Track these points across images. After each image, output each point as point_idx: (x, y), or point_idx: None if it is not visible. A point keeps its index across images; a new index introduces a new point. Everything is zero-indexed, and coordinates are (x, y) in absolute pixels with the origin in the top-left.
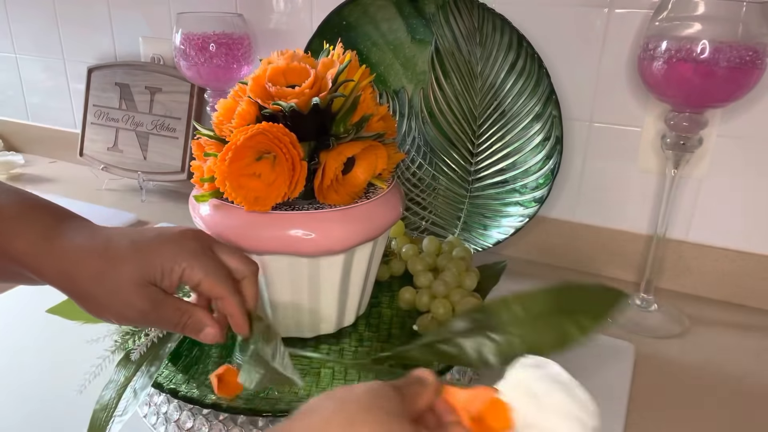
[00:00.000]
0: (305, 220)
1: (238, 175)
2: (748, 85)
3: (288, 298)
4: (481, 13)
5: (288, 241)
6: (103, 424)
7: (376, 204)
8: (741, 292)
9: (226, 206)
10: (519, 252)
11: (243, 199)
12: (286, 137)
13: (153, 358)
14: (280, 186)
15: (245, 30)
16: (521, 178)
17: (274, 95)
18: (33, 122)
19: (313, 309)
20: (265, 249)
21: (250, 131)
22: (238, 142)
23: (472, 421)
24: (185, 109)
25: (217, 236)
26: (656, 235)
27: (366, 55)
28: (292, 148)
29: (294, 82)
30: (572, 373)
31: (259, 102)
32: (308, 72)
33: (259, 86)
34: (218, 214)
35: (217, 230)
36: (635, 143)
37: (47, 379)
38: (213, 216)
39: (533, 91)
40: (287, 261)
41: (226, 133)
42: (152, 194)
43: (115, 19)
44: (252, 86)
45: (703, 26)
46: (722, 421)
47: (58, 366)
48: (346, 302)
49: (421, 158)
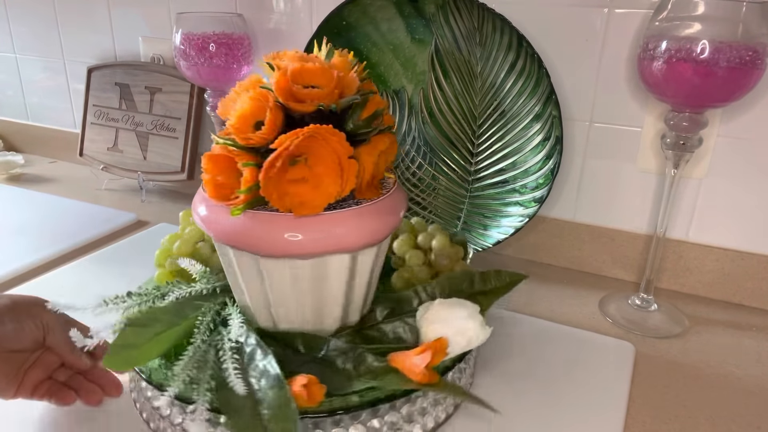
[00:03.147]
0: (308, 222)
1: (282, 182)
2: (748, 85)
3: (291, 300)
4: (481, 13)
5: (289, 243)
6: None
7: (379, 205)
8: (741, 292)
9: (227, 209)
10: (519, 252)
11: (291, 206)
12: (334, 137)
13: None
14: (328, 187)
15: (245, 30)
16: (521, 178)
17: (299, 97)
18: (33, 122)
19: (317, 310)
20: (267, 251)
21: (301, 135)
22: (290, 147)
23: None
24: (185, 109)
25: (219, 239)
26: (656, 235)
27: (366, 55)
28: (340, 147)
29: (309, 82)
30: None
31: (290, 105)
32: (327, 72)
33: (285, 89)
34: (221, 216)
35: (219, 232)
36: (635, 143)
37: None
38: (216, 219)
39: (533, 91)
40: (289, 263)
41: (256, 140)
42: (152, 194)
43: (115, 19)
44: (278, 91)
45: (702, 26)
46: (722, 421)
47: None
48: (350, 303)
49: (421, 158)
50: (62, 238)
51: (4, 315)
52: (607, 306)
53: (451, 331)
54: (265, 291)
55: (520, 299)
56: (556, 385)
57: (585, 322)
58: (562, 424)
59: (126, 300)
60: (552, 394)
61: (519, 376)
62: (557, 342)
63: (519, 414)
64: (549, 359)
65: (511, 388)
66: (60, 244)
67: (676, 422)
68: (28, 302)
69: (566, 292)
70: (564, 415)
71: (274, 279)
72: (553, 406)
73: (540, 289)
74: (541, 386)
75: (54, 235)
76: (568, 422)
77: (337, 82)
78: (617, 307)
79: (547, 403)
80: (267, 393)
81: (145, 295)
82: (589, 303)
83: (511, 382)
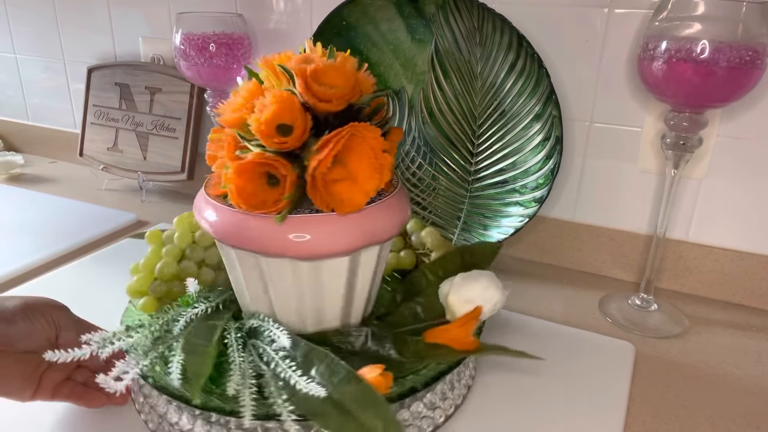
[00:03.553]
0: (309, 223)
1: (327, 183)
2: (748, 85)
3: (292, 299)
4: (481, 13)
5: (289, 244)
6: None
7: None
8: (741, 292)
9: (228, 210)
10: (519, 252)
11: (333, 205)
12: (371, 133)
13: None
14: (366, 183)
15: (245, 30)
16: (521, 178)
17: (325, 97)
18: (33, 122)
19: (317, 310)
20: (269, 251)
21: (344, 134)
22: (338, 146)
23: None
24: (185, 109)
25: (221, 239)
26: (656, 235)
27: (366, 55)
28: (376, 143)
29: (328, 83)
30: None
31: (319, 106)
32: (344, 72)
33: (309, 91)
34: (223, 217)
35: (221, 233)
36: (635, 143)
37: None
38: (219, 220)
39: (533, 91)
40: (290, 263)
41: (291, 144)
42: (152, 194)
43: (115, 19)
44: (304, 93)
45: (703, 26)
46: (722, 421)
47: None
48: (351, 305)
49: (420, 158)
50: (62, 238)
51: (16, 315)
52: (607, 306)
53: (479, 300)
54: (266, 290)
55: (520, 299)
56: (557, 385)
57: (585, 322)
58: (562, 423)
59: (132, 334)
60: (552, 393)
61: (519, 376)
62: (557, 342)
63: (519, 414)
64: (549, 359)
65: (511, 387)
66: (60, 244)
67: (676, 422)
68: (39, 302)
69: (566, 292)
70: (564, 414)
71: (275, 278)
72: (553, 406)
73: (540, 289)
74: (541, 386)
75: (54, 235)
76: (568, 422)
77: (354, 81)
78: (617, 307)
79: (547, 402)
80: (343, 389)
81: (156, 324)
82: (589, 303)
83: (511, 382)
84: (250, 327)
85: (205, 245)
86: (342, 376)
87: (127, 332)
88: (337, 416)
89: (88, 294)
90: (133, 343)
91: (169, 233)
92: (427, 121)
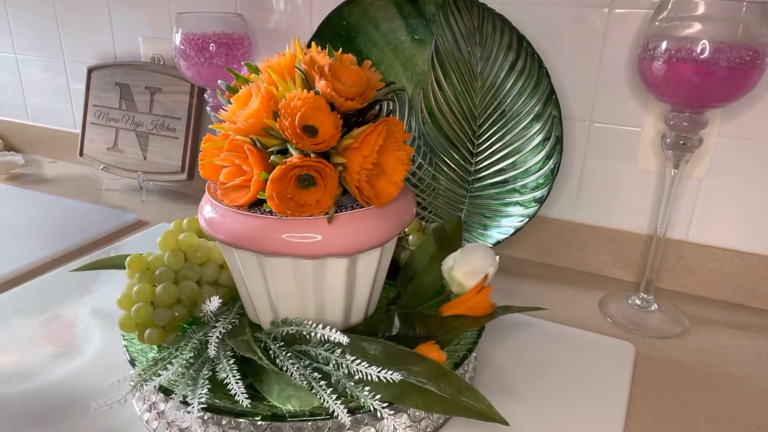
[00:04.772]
0: (310, 223)
1: (371, 178)
2: (748, 85)
3: (293, 299)
4: (481, 13)
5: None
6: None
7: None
8: (741, 292)
9: (229, 210)
10: (519, 252)
11: (368, 198)
12: (397, 126)
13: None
14: (393, 172)
15: (245, 30)
16: (521, 178)
17: (349, 95)
18: (33, 122)
19: (318, 310)
20: (270, 251)
21: (381, 132)
22: (380, 141)
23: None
24: (185, 109)
25: (222, 239)
26: (656, 235)
27: (366, 55)
28: (400, 135)
29: (343, 81)
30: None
31: (345, 105)
32: (354, 70)
33: (333, 91)
34: (224, 218)
35: (222, 233)
36: (635, 143)
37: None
38: (221, 220)
39: (533, 91)
40: (291, 263)
41: (327, 143)
42: (152, 194)
43: (115, 19)
44: (327, 93)
45: (703, 26)
46: (722, 421)
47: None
48: (352, 305)
49: (421, 158)
50: (62, 238)
51: None
52: (607, 306)
53: (482, 268)
54: (267, 289)
55: (520, 299)
56: (556, 385)
57: (585, 322)
58: (562, 423)
59: (164, 368)
60: (552, 393)
61: (519, 376)
62: (557, 342)
63: (519, 414)
64: (549, 359)
65: (511, 387)
66: (60, 244)
67: (676, 422)
68: None
69: (566, 292)
70: (564, 414)
71: (277, 277)
72: (553, 406)
73: (540, 289)
74: (540, 386)
75: (54, 235)
76: (568, 422)
77: (366, 77)
78: (617, 307)
79: (546, 402)
80: (412, 369)
81: (185, 353)
82: (589, 303)
83: (510, 382)
84: (286, 333)
85: (198, 262)
86: (407, 357)
87: (156, 366)
88: (422, 395)
89: (88, 294)
90: (170, 376)
91: (156, 257)
92: (427, 121)
